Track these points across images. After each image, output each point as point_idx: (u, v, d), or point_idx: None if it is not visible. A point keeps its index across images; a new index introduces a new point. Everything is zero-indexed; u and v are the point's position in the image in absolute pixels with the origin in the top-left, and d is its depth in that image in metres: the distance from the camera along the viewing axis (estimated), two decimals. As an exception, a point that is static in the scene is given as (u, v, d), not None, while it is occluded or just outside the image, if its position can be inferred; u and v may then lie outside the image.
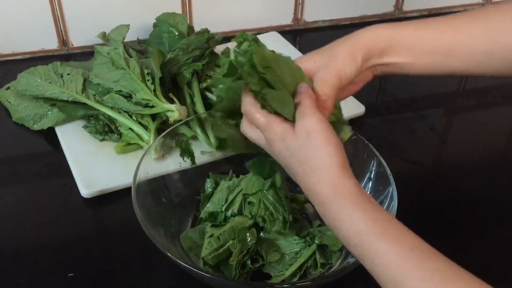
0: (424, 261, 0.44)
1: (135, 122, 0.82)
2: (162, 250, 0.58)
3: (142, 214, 0.61)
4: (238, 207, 0.66)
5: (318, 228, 0.67)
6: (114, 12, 1.04)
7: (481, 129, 0.98)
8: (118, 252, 0.70)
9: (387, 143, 0.91)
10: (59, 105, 0.85)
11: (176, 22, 0.93)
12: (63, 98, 0.85)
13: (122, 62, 0.82)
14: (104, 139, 0.84)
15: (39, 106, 0.86)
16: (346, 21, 1.26)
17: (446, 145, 0.94)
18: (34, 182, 0.81)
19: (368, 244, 0.46)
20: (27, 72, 0.87)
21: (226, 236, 0.62)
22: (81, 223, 0.74)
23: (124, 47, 0.85)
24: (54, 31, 1.04)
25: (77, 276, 0.66)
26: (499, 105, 1.06)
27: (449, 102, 1.06)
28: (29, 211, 0.75)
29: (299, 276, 0.64)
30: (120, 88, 0.82)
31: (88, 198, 0.75)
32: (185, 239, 0.65)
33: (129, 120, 0.82)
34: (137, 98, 0.81)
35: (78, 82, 0.85)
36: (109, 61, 0.83)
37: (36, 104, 0.87)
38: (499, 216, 0.78)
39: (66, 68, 0.87)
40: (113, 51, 0.84)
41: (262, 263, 0.63)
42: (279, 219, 0.65)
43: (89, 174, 0.78)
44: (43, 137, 0.87)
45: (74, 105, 0.85)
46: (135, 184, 0.64)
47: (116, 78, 0.82)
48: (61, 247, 0.70)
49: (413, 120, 0.99)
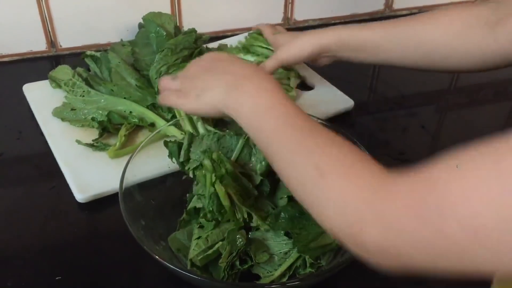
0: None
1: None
2: (149, 253, 0.57)
3: (129, 217, 0.60)
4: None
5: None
6: (102, 13, 1.04)
7: (472, 126, 0.98)
8: (107, 255, 0.70)
9: (377, 141, 0.91)
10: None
11: (162, 21, 0.92)
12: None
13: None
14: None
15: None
16: (337, 20, 1.26)
17: (438, 143, 0.93)
18: (23, 185, 0.80)
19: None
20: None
21: (214, 237, 0.62)
22: (70, 226, 0.73)
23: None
24: (42, 33, 1.04)
25: (65, 280, 0.65)
26: (490, 103, 1.06)
27: (440, 100, 1.06)
28: (16, 214, 0.74)
29: (288, 276, 0.63)
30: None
31: (78, 201, 0.75)
32: (173, 241, 0.65)
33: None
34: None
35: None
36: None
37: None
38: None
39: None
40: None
41: (251, 263, 0.63)
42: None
43: (82, 178, 0.77)
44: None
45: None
46: (122, 187, 0.63)
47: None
48: (49, 250, 0.70)
49: (404, 118, 0.98)
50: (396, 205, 0.39)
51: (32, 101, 0.93)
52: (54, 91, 0.94)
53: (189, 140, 0.68)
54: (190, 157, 0.67)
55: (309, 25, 1.24)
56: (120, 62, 0.88)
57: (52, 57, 1.07)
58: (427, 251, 0.37)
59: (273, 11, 1.20)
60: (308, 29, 1.24)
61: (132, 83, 0.86)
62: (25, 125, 0.90)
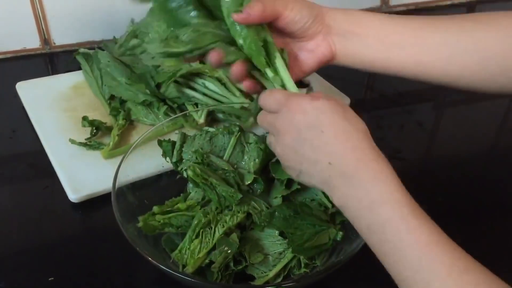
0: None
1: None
2: (142, 254, 0.57)
3: (122, 218, 0.60)
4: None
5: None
6: (96, 10, 1.03)
7: (469, 124, 0.97)
8: (100, 255, 0.69)
9: (375, 139, 0.90)
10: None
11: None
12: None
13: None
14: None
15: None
16: (333, 16, 1.25)
17: (435, 141, 0.93)
18: (15, 184, 0.80)
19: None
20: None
21: (208, 243, 0.61)
22: (63, 226, 0.73)
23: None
24: (35, 30, 1.03)
25: (58, 280, 0.64)
26: (487, 100, 1.05)
27: (437, 97, 1.06)
28: (9, 214, 0.74)
29: (283, 276, 0.63)
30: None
31: (71, 201, 0.74)
32: (167, 242, 0.64)
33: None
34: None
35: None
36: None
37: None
38: (488, 211, 0.77)
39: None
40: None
41: (245, 264, 0.62)
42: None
43: (76, 177, 0.76)
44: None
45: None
46: (114, 187, 0.63)
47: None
48: (42, 250, 0.69)
49: (402, 116, 0.98)
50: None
51: (26, 99, 0.92)
52: (48, 89, 0.93)
53: (181, 140, 0.67)
54: (183, 157, 0.66)
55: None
56: (110, 61, 0.87)
57: (46, 54, 1.06)
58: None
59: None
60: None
61: (122, 81, 0.86)
62: (18, 124, 0.89)
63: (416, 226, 0.45)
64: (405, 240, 0.45)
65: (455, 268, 0.43)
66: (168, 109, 0.86)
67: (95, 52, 0.92)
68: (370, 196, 0.47)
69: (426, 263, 0.43)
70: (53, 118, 0.87)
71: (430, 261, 0.43)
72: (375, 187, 0.47)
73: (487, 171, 0.86)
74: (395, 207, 0.46)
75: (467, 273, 0.43)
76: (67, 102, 0.92)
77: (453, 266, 0.43)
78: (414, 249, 0.44)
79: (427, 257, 0.44)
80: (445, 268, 0.43)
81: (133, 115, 0.86)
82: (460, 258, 0.44)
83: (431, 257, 0.44)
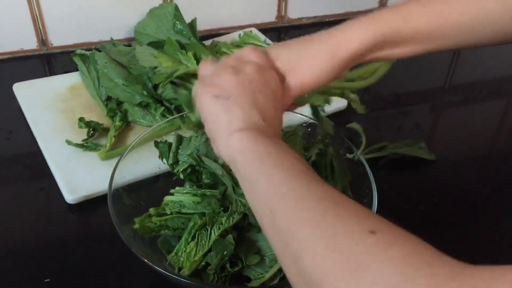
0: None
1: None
2: (137, 255, 0.56)
3: (118, 219, 0.59)
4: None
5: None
6: (94, 11, 1.03)
7: (467, 125, 0.97)
8: (97, 257, 0.69)
9: (372, 141, 0.90)
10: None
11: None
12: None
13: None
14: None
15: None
16: (331, 18, 1.25)
17: (433, 142, 0.93)
18: (12, 185, 0.79)
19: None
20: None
21: (204, 245, 0.61)
22: (59, 227, 0.72)
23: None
24: (33, 31, 1.03)
25: (54, 282, 0.64)
26: (485, 101, 1.05)
27: (435, 98, 1.06)
28: (5, 215, 0.73)
29: (279, 278, 0.63)
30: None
31: (68, 202, 0.74)
32: (163, 243, 0.64)
33: None
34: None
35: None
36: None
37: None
38: (485, 212, 0.78)
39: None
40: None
41: (242, 266, 0.62)
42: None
43: (73, 178, 0.76)
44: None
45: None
46: (111, 189, 0.63)
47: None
48: (38, 252, 0.69)
49: (399, 117, 0.98)
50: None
51: (23, 100, 0.92)
52: (45, 90, 0.93)
53: (177, 142, 0.67)
54: (179, 159, 0.66)
55: (302, 24, 1.23)
56: (107, 62, 0.87)
57: (43, 55, 1.06)
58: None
59: (266, 9, 1.19)
60: (302, 27, 1.24)
61: (119, 83, 0.86)
62: (15, 125, 0.89)
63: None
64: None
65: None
66: (165, 111, 0.86)
67: (92, 53, 0.92)
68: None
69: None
70: (50, 119, 0.87)
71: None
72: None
73: (484, 172, 0.86)
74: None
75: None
76: (64, 103, 0.91)
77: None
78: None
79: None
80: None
81: (130, 116, 0.86)
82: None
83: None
